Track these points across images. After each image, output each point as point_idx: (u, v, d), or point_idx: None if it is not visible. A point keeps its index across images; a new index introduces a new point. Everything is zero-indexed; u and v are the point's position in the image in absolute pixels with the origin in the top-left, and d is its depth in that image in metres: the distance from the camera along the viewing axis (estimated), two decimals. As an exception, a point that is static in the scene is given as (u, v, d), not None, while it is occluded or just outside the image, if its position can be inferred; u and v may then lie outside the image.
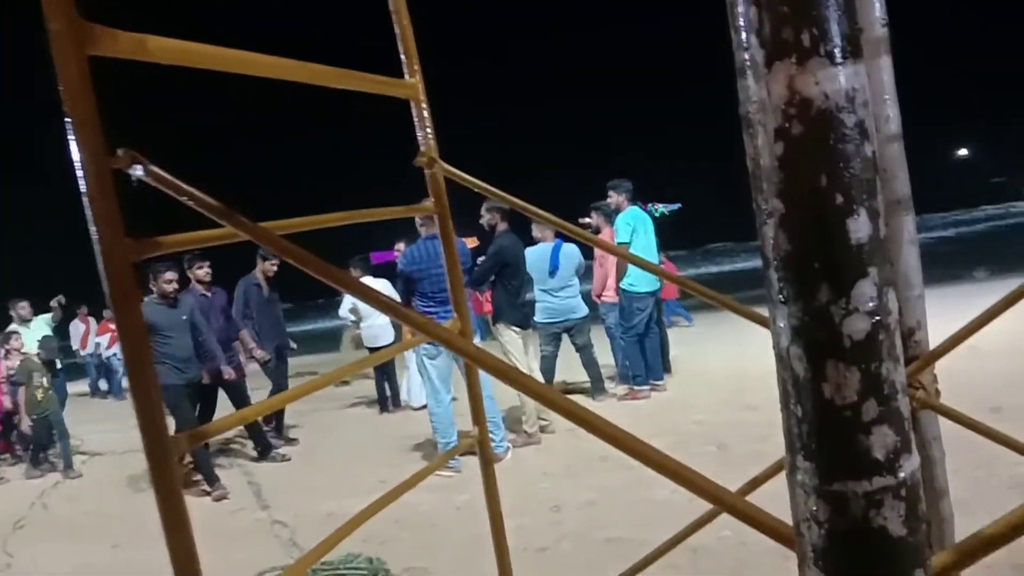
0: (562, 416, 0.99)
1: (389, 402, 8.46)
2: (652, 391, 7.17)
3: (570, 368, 7.55)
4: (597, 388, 7.29)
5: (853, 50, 0.68)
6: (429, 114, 1.96)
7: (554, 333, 7.05)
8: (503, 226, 6.30)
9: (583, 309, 7.12)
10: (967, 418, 1.78)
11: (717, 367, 8.04)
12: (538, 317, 6.78)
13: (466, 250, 6.96)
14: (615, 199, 7.30)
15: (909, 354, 1.75)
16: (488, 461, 2.04)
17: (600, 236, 7.48)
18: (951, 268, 15.06)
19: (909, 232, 1.71)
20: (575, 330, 7.11)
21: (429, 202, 2.01)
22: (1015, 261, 14.16)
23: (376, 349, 8.31)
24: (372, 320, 8.28)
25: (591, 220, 7.67)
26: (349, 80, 1.68)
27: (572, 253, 6.96)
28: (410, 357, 7.69)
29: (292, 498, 5.64)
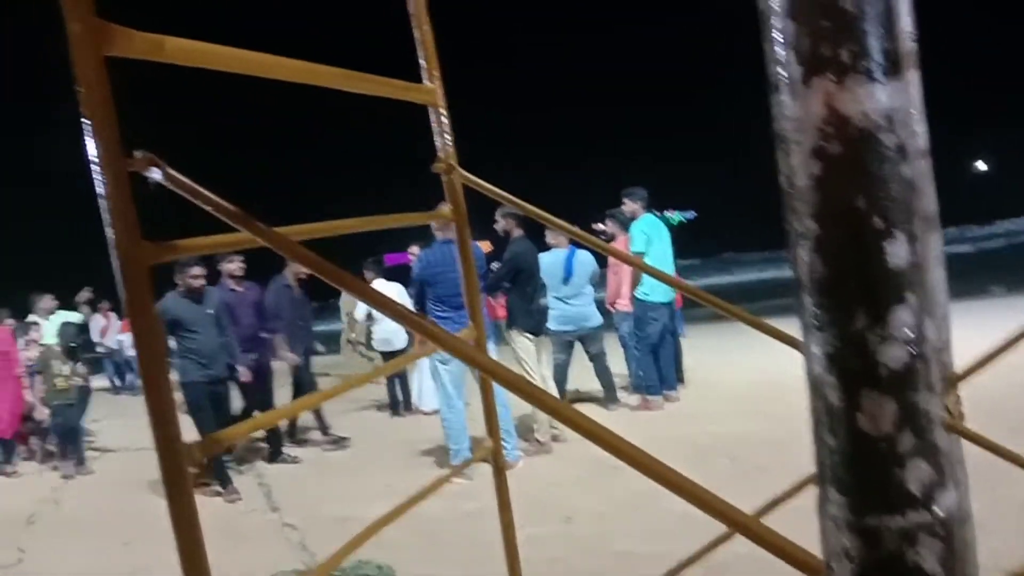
0: (572, 429, 0.97)
1: (400, 406, 8.45)
2: (665, 402, 7.12)
3: (583, 377, 7.51)
4: (610, 398, 7.25)
5: (894, 67, 0.66)
6: (448, 120, 1.95)
7: (567, 341, 7.02)
8: (518, 232, 6.29)
9: (596, 318, 7.08)
10: (992, 443, 1.73)
11: (731, 378, 7.98)
12: (551, 324, 6.74)
13: (481, 254, 6.94)
14: (630, 207, 7.25)
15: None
16: (501, 472, 2.01)
17: (614, 244, 7.45)
18: (968, 283, 14.90)
19: (936, 250, 1.68)
20: (588, 339, 7.07)
21: (447, 208, 2.00)
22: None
23: (390, 352, 8.31)
24: (386, 323, 8.27)
25: (605, 227, 7.64)
26: (368, 84, 1.67)
27: (587, 260, 6.93)
28: (422, 361, 7.68)
29: (302, 501, 5.64)
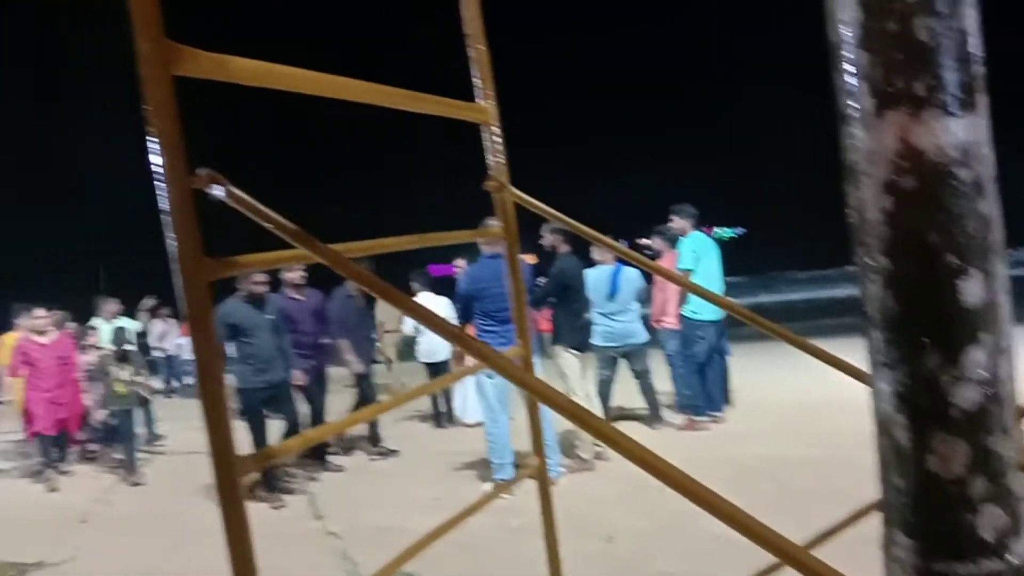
0: (613, 450, 0.96)
1: (443, 418, 8.47)
2: (712, 422, 7.01)
3: (627, 394, 7.44)
4: (654, 416, 7.17)
5: (970, 101, 0.64)
6: (501, 139, 1.96)
7: (611, 357, 6.97)
8: (565, 248, 6.28)
9: (642, 334, 7.02)
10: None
11: (779, 399, 7.83)
12: (595, 340, 6.69)
13: (528, 268, 6.94)
14: (679, 223, 7.18)
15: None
16: (546, 491, 2.01)
17: (662, 261, 7.38)
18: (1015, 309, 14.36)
19: (1006, 284, 1.63)
20: (633, 356, 7.01)
21: (497, 226, 2.01)
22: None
23: (434, 364, 8.34)
24: (430, 335, 8.31)
25: (652, 243, 7.58)
26: (423, 103, 1.69)
27: (633, 277, 6.88)
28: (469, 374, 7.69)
29: (345, 509, 5.69)
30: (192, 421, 9.32)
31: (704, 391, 7.03)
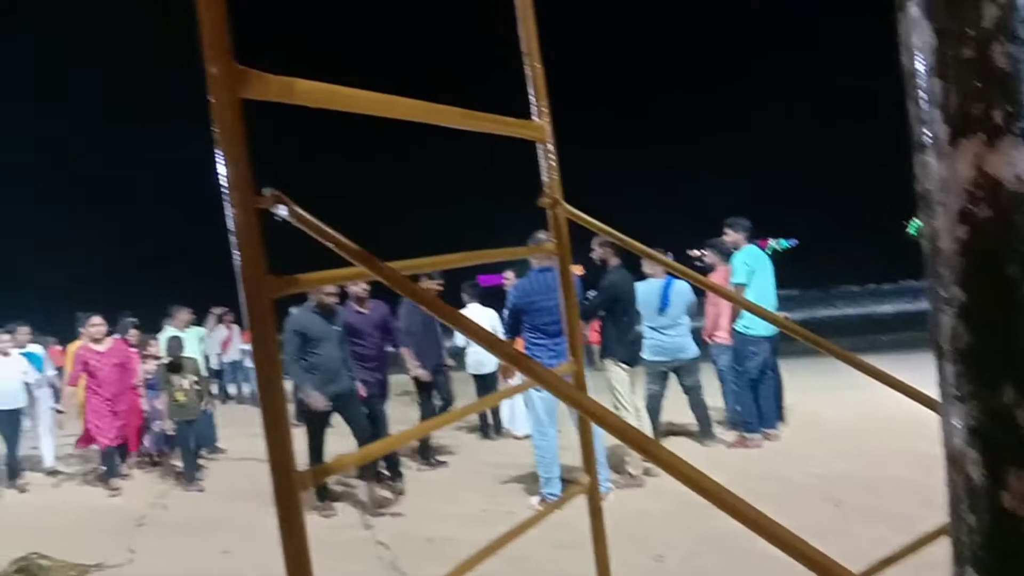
0: (662, 469, 0.96)
1: (491, 429, 8.48)
2: (764, 439, 6.89)
3: (677, 409, 7.35)
4: (705, 432, 7.06)
5: (1049, 128, 0.62)
6: (556, 156, 1.97)
7: (661, 372, 6.90)
8: (615, 261, 6.25)
9: (693, 349, 6.94)
10: None
11: (834, 417, 7.65)
12: (645, 354, 6.63)
13: (577, 281, 6.91)
14: (733, 237, 7.09)
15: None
16: (597, 510, 2.00)
17: (714, 275, 7.30)
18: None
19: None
20: (683, 370, 6.93)
21: (550, 242, 2.02)
22: None
23: (481, 376, 8.36)
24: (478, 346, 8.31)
25: (704, 256, 7.50)
26: (479, 122, 1.70)
27: (683, 290, 6.81)
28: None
29: (394, 519, 5.73)
30: (249, 427, 9.47)
31: (756, 408, 6.90)
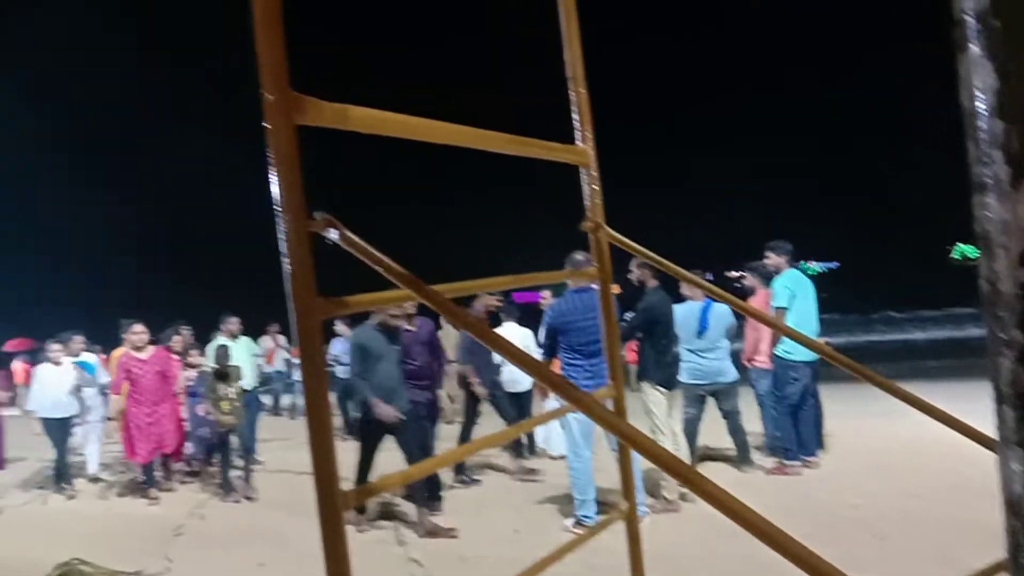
0: (698, 495, 0.95)
1: (525, 449, 8.45)
2: (803, 467, 6.76)
3: (715, 433, 7.26)
4: (743, 458, 6.96)
5: (1115, 170, 0.61)
6: (599, 181, 1.98)
7: (699, 395, 6.82)
8: (653, 283, 6.21)
9: (732, 373, 6.85)
10: None
11: (876, 446, 7.48)
12: (683, 377, 6.56)
13: (615, 301, 6.87)
14: (774, 260, 7.00)
15: None
16: (636, 537, 1.98)
17: (755, 299, 7.22)
18: None
19: None
20: (722, 394, 6.85)
21: (592, 266, 2.02)
22: None
23: (516, 394, 8.34)
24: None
25: (745, 279, 7.43)
26: (525, 147, 1.72)
27: (723, 313, 6.74)
28: (552, 405, 7.66)
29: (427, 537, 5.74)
30: (290, 440, 9.60)
31: (796, 434, 6.78)
